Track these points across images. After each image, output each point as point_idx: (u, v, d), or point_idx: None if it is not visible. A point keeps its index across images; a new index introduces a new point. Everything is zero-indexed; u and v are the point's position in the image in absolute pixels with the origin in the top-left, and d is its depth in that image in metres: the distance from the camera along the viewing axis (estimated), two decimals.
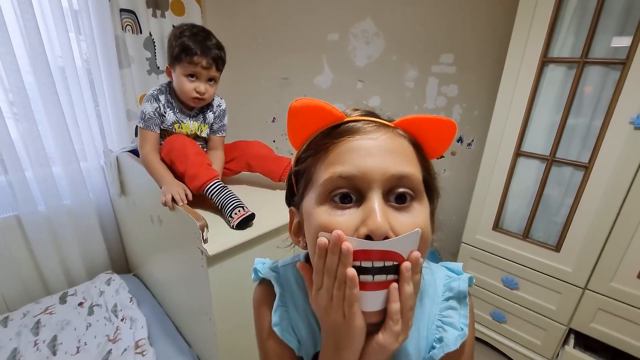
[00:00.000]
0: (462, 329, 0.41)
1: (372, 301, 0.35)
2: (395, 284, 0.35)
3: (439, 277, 0.47)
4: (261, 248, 1.02)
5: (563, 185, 1.27)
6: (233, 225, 0.94)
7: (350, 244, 0.33)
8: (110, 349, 1.12)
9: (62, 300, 1.34)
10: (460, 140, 1.88)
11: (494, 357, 1.57)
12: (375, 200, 0.34)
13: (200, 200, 1.04)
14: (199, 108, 1.20)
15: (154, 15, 1.62)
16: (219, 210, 1.00)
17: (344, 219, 0.34)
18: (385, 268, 0.34)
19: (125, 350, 1.10)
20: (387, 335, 0.35)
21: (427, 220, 0.36)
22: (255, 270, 0.48)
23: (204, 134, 1.22)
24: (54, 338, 1.16)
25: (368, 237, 0.33)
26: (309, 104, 0.36)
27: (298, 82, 1.96)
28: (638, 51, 1.03)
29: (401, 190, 0.35)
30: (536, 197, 1.32)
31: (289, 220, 0.45)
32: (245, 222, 0.94)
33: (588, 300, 1.27)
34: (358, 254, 0.33)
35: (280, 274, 0.47)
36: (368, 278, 0.34)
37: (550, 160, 1.26)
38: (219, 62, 1.09)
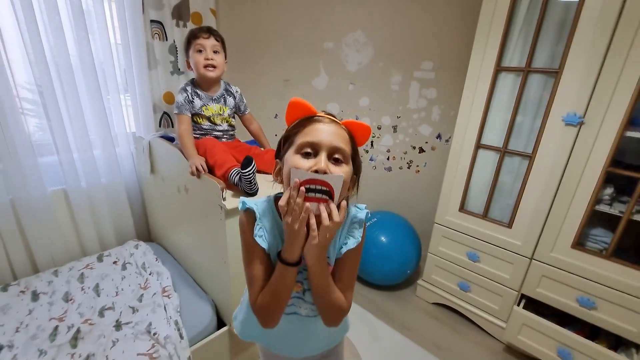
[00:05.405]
0: (358, 239, 0.72)
1: (311, 207, 0.62)
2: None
3: (351, 211, 0.76)
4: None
5: (513, 172, 1.53)
6: (234, 180, 1.17)
7: (302, 186, 0.60)
8: (142, 293, 1.39)
9: (99, 259, 1.62)
10: (439, 137, 2.15)
11: (461, 322, 1.82)
12: (323, 156, 0.63)
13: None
14: (219, 93, 1.50)
15: (177, 25, 1.90)
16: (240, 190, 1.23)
17: (305, 162, 0.63)
18: (322, 191, 0.61)
19: (154, 294, 1.38)
20: (310, 238, 0.63)
21: (349, 175, 0.65)
22: (243, 203, 0.74)
23: (226, 114, 1.52)
24: (97, 285, 1.44)
25: (316, 173, 0.61)
26: (298, 101, 0.66)
27: (298, 83, 2.23)
28: (567, 62, 1.29)
29: (336, 155, 0.64)
30: (492, 182, 1.58)
31: (274, 167, 0.73)
32: (245, 167, 1.13)
33: (534, 269, 1.52)
34: (309, 181, 0.61)
35: (259, 206, 0.74)
36: (311, 194, 0.61)
37: (503, 152, 1.52)
38: (216, 34, 1.46)
